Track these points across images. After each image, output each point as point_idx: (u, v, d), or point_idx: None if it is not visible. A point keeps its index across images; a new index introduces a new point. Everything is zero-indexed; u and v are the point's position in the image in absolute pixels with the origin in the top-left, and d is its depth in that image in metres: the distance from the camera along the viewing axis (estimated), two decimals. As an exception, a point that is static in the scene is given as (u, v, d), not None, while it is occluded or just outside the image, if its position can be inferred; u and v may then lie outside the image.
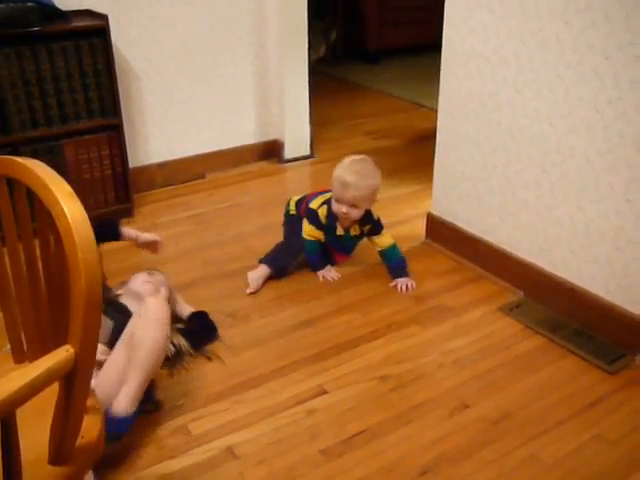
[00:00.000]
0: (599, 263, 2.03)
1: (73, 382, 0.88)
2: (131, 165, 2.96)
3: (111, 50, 2.61)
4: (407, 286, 2.34)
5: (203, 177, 3.27)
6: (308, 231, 2.40)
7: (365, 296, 2.31)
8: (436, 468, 1.61)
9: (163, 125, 3.12)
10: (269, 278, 2.39)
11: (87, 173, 2.74)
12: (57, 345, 0.91)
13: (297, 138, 3.44)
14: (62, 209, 0.91)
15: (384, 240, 2.40)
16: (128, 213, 2.86)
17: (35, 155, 2.61)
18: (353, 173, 2.26)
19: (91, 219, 1.51)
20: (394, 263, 2.40)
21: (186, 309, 2.15)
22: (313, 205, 2.40)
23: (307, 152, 3.50)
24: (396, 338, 2.09)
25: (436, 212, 2.60)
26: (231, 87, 3.25)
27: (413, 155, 3.47)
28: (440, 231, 2.58)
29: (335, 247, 2.48)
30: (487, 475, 1.59)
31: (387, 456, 1.65)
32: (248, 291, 2.31)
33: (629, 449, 1.66)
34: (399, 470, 1.61)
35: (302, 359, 1.99)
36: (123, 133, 2.75)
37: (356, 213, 2.30)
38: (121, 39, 2.85)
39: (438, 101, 2.46)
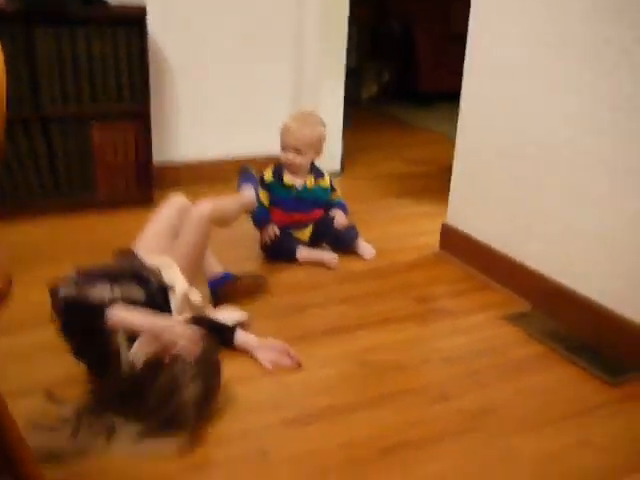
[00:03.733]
0: (616, 275, 1.89)
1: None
2: (159, 160, 3.00)
3: (146, 39, 2.69)
4: (340, 219, 2.49)
5: (230, 181, 3.27)
6: None
7: (365, 292, 2.22)
8: (399, 450, 1.49)
9: (194, 125, 3.17)
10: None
11: (111, 157, 2.79)
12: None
13: (327, 152, 3.40)
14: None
15: (334, 195, 2.60)
16: (147, 201, 2.88)
17: (64, 134, 2.68)
18: (296, 120, 2.42)
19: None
20: (337, 205, 2.56)
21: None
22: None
23: (337, 168, 3.48)
24: (387, 331, 1.99)
25: (450, 222, 2.51)
26: (265, 95, 3.29)
27: (445, 180, 3.39)
28: (453, 241, 2.49)
29: (290, 207, 2.46)
30: (453, 462, 1.46)
31: (350, 433, 1.54)
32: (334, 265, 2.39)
33: (619, 456, 1.51)
34: (359, 447, 1.50)
35: (285, 338, 1.90)
36: (149, 121, 2.80)
37: (300, 160, 2.41)
38: (160, 34, 2.94)
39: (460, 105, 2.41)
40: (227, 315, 1.92)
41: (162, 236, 1.95)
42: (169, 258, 1.83)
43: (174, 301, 1.76)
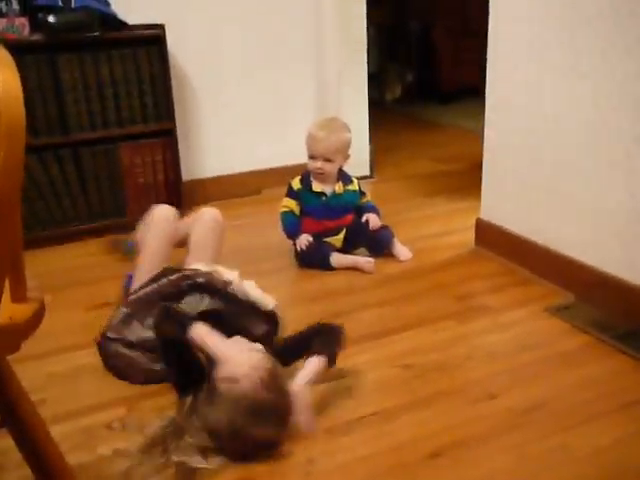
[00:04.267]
0: (655, 256, 1.84)
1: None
2: (187, 178, 3.02)
3: (167, 58, 2.71)
4: (374, 221, 2.47)
5: (259, 193, 3.29)
6: (283, 204, 2.48)
7: (401, 294, 2.20)
8: (449, 451, 1.46)
9: (219, 139, 3.19)
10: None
11: (141, 177, 2.82)
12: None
13: (356, 158, 3.36)
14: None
15: (363, 199, 2.58)
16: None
17: (93, 157, 2.71)
18: (323, 128, 2.41)
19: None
20: (368, 209, 2.53)
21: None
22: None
23: (367, 172, 3.46)
24: (427, 331, 1.95)
25: (485, 217, 2.47)
26: (289, 104, 3.29)
27: (474, 175, 3.35)
28: (489, 236, 2.44)
29: (321, 214, 2.44)
30: (504, 461, 1.42)
31: (397, 437, 1.51)
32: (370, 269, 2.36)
33: (678, 447, 1.45)
34: (407, 451, 1.46)
35: (324, 346, 1.89)
36: (176, 139, 2.82)
37: (330, 167, 2.41)
38: (180, 51, 2.96)
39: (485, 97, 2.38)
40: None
41: (165, 249, 1.96)
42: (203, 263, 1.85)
43: (239, 292, 1.77)
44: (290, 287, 2.37)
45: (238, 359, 1.47)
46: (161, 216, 2.02)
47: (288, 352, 1.66)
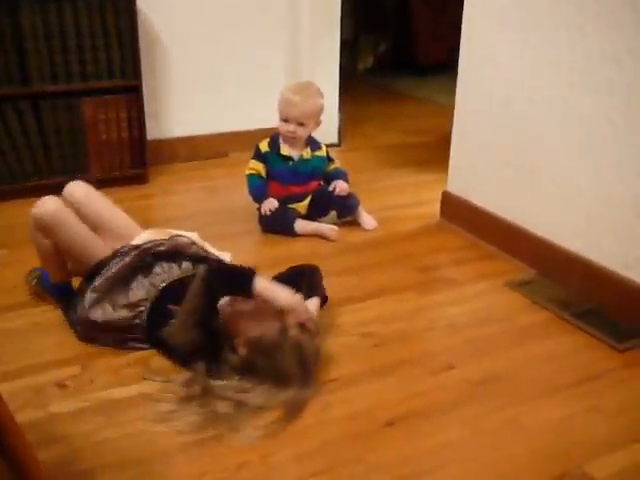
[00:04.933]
0: (621, 238, 1.85)
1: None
2: (152, 137, 2.95)
3: (135, 11, 2.62)
4: (342, 186, 2.43)
5: (226, 155, 3.23)
6: (249, 166, 2.43)
7: (365, 263, 2.19)
8: (404, 421, 1.46)
9: (187, 99, 3.11)
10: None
11: (104, 133, 2.73)
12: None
13: (325, 125, 3.33)
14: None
15: (332, 165, 2.55)
16: (141, 179, 2.83)
17: (54, 110, 2.62)
18: (298, 92, 2.36)
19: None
20: (337, 175, 2.50)
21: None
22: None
23: (335, 140, 3.43)
24: (389, 301, 1.95)
25: (451, 190, 2.47)
26: (259, 68, 3.22)
27: (444, 149, 3.34)
28: (454, 209, 2.45)
29: (287, 179, 2.41)
30: (459, 433, 1.43)
31: (354, 405, 1.51)
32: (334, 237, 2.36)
33: (629, 422, 1.47)
34: (363, 419, 1.46)
35: (285, 312, 1.87)
36: (142, 96, 2.73)
37: (302, 131, 2.37)
38: (150, 8, 2.86)
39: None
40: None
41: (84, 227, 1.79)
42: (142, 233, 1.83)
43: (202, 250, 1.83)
44: (253, 252, 2.34)
45: (302, 307, 1.59)
46: (57, 209, 1.72)
47: None
